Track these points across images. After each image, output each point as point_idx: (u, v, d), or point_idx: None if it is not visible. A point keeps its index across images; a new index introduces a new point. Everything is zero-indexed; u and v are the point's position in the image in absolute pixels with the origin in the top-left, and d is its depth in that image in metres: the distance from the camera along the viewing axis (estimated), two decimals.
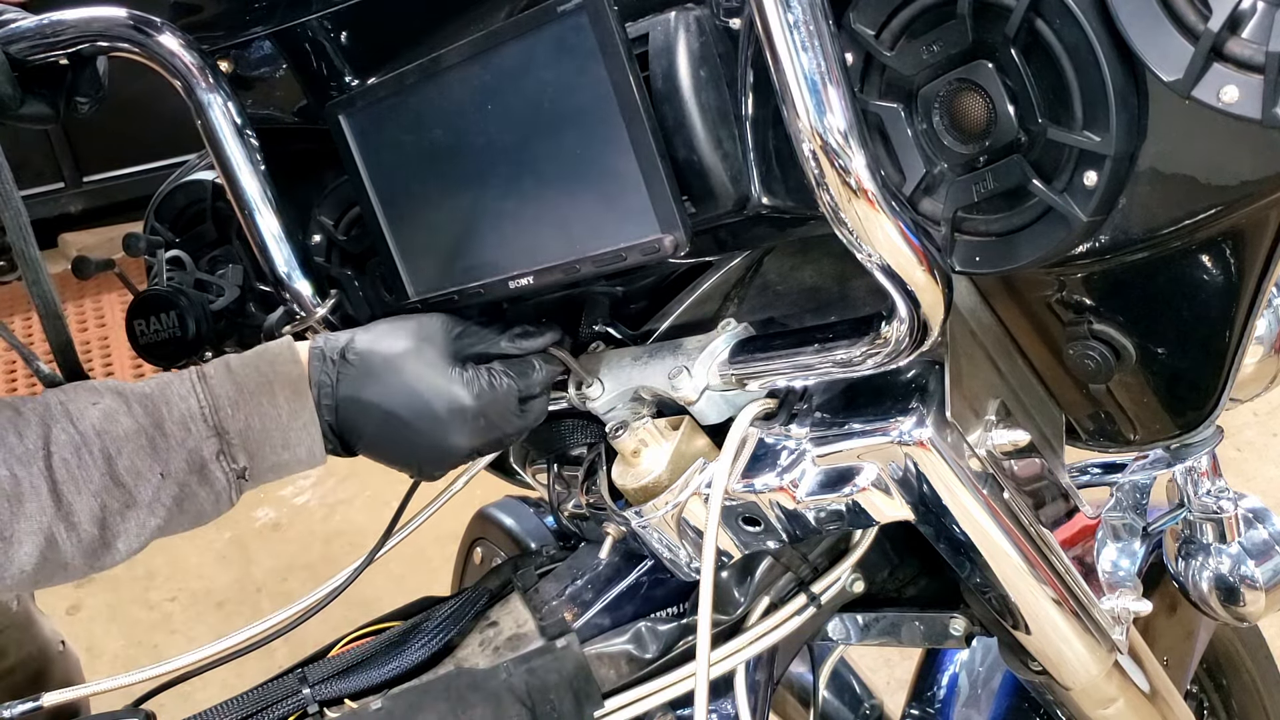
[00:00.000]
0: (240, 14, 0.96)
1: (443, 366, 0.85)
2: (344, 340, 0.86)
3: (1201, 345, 0.77)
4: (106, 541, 0.78)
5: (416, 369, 0.84)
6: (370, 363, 0.84)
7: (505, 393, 0.85)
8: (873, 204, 0.64)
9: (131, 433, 0.78)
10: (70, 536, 0.76)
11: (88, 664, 1.60)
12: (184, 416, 0.80)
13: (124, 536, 0.78)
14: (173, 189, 1.10)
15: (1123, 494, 0.96)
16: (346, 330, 0.88)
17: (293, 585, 2.83)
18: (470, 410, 0.84)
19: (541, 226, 0.82)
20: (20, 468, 0.74)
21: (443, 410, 0.84)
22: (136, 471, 0.78)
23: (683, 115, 0.75)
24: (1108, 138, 0.63)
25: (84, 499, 0.76)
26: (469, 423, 0.84)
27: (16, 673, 1.37)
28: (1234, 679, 1.41)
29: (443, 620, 0.94)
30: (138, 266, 1.11)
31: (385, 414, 0.84)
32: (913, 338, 0.70)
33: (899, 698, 1.26)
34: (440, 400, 0.84)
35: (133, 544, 0.79)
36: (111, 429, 0.78)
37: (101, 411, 0.78)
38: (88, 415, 0.78)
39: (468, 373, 0.85)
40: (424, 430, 0.84)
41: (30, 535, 0.74)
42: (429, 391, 0.84)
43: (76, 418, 0.77)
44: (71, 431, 0.77)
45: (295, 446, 0.83)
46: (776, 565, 0.97)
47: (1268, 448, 2.72)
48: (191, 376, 0.83)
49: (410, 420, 0.84)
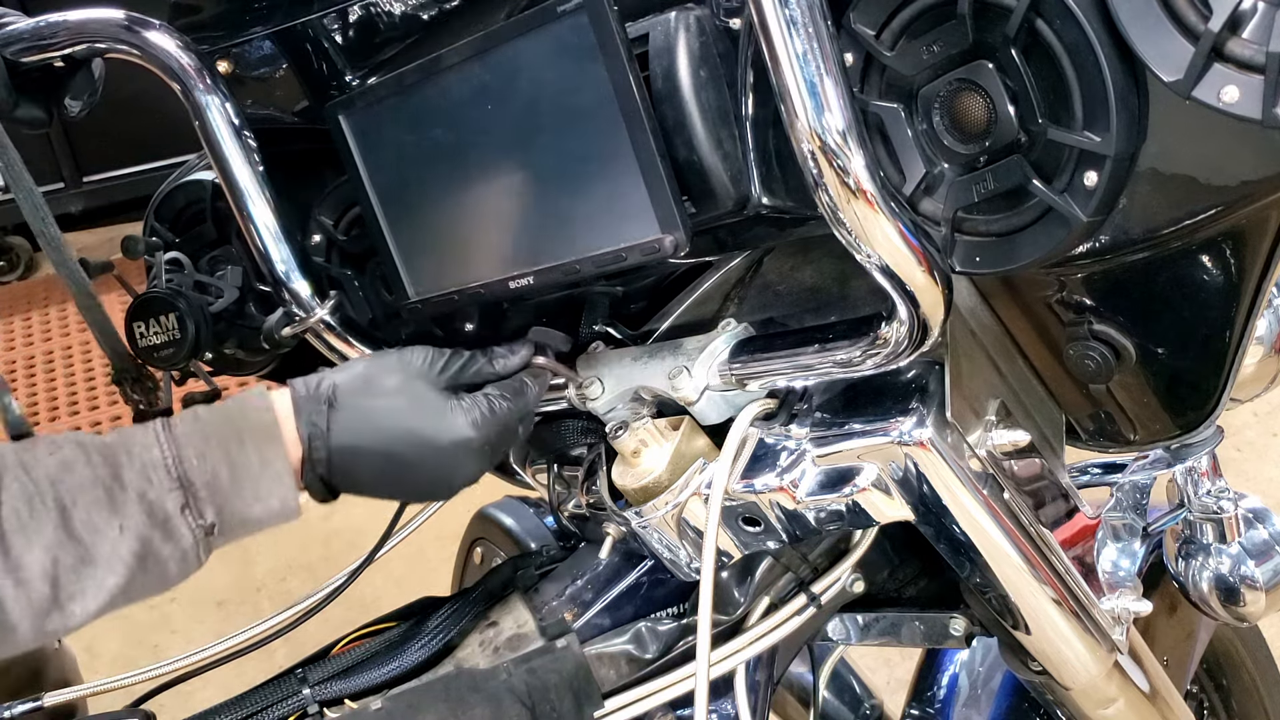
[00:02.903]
0: (239, 14, 0.95)
1: (438, 401, 0.82)
2: (326, 384, 0.82)
3: (1201, 345, 0.77)
4: (59, 601, 0.71)
5: (412, 408, 0.82)
6: (363, 408, 0.81)
7: (506, 415, 0.84)
8: (872, 204, 0.64)
9: (88, 483, 0.72)
10: (18, 594, 0.69)
11: (88, 664, 1.60)
12: (144, 466, 0.74)
13: (79, 598, 0.71)
14: (172, 189, 1.10)
15: (1123, 494, 0.96)
16: (322, 373, 0.84)
17: (293, 585, 2.83)
18: (475, 440, 0.82)
19: (541, 226, 0.82)
20: None
21: (447, 445, 0.81)
22: (93, 526, 0.72)
23: (683, 115, 0.75)
24: (1108, 138, 0.62)
25: (35, 553, 0.69)
26: (475, 452, 0.82)
27: (13, 671, 1.37)
28: (1234, 679, 1.40)
29: (443, 620, 0.94)
30: (137, 268, 1.11)
31: (386, 457, 0.81)
32: (912, 338, 0.70)
33: (899, 698, 1.26)
34: (444, 436, 0.81)
35: (89, 606, 0.72)
36: (67, 479, 0.72)
37: (58, 461, 0.73)
38: (43, 464, 0.72)
39: (464, 403, 0.83)
40: (430, 467, 0.82)
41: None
42: (430, 429, 0.81)
43: (30, 466, 0.72)
44: (24, 480, 0.71)
45: (267, 498, 0.78)
46: (776, 565, 0.97)
47: (1268, 448, 2.72)
48: (156, 426, 0.77)
49: (414, 460, 0.82)
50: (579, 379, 0.90)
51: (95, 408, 3.58)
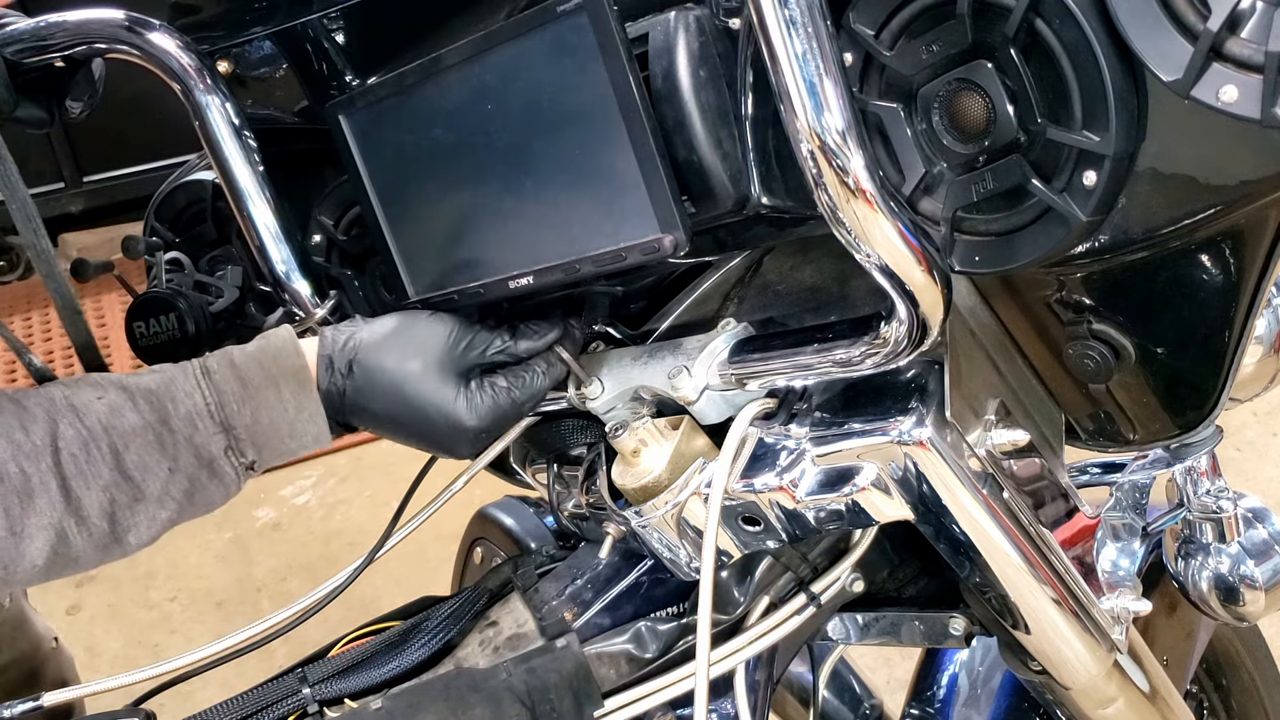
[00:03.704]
0: (240, 14, 0.96)
1: (447, 388, 0.86)
2: (352, 344, 0.87)
3: (1201, 345, 0.77)
4: (117, 535, 0.78)
5: (423, 385, 0.86)
6: (376, 380, 0.86)
7: (507, 405, 0.88)
8: (871, 204, 0.64)
9: (138, 428, 0.79)
10: (81, 531, 0.76)
11: (88, 664, 1.60)
12: (190, 413, 0.81)
13: (134, 530, 0.79)
14: (173, 189, 1.10)
15: (1122, 494, 0.96)
16: (352, 326, 0.89)
17: (293, 585, 2.83)
18: (469, 431, 0.87)
19: (541, 226, 0.82)
20: (29, 463, 0.75)
21: (442, 427, 0.86)
22: (144, 466, 0.79)
23: (683, 115, 0.75)
24: (1107, 138, 0.63)
25: (93, 494, 0.77)
26: (470, 439, 0.88)
27: (10, 671, 1.37)
28: (1234, 679, 1.40)
29: (443, 620, 0.94)
30: (137, 268, 1.11)
31: (392, 423, 0.87)
32: (912, 338, 0.70)
33: (899, 698, 1.26)
34: (440, 418, 0.86)
35: (143, 536, 0.80)
36: (118, 424, 0.78)
37: (107, 406, 0.79)
38: (94, 410, 0.78)
39: (470, 390, 0.87)
40: (427, 440, 0.88)
41: (41, 530, 0.75)
42: (428, 409, 0.86)
43: (83, 412, 0.78)
44: (79, 426, 0.77)
45: (302, 435, 0.85)
46: (776, 565, 0.97)
47: (1268, 448, 2.72)
48: (195, 372, 0.83)
49: (415, 433, 0.88)
50: (587, 378, 0.90)
51: None
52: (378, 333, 0.88)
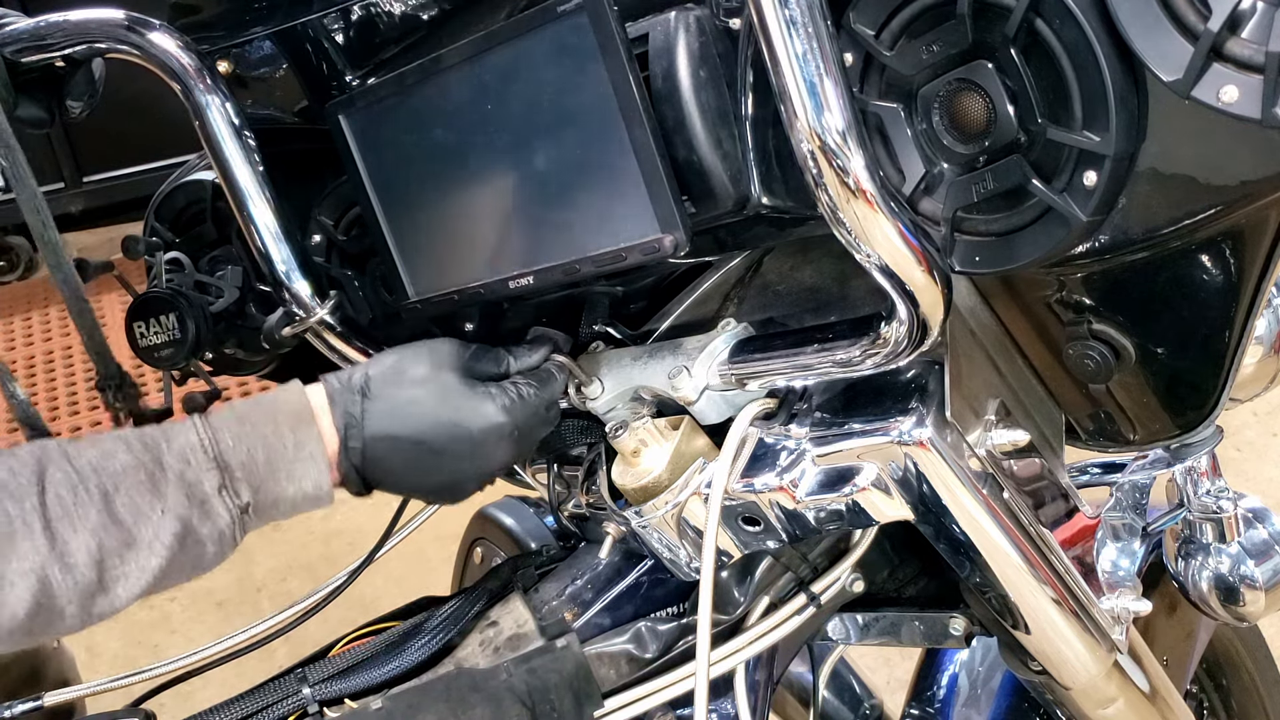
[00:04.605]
0: (240, 14, 0.96)
1: (467, 389, 0.84)
2: (359, 377, 0.84)
3: (1201, 345, 0.77)
4: (105, 585, 0.73)
5: (444, 396, 0.83)
6: (396, 397, 0.83)
7: (535, 402, 0.86)
8: (871, 204, 0.64)
9: (130, 467, 0.75)
10: (65, 579, 0.71)
11: (88, 664, 1.60)
12: (183, 449, 0.77)
13: (124, 580, 0.74)
14: (173, 189, 1.10)
15: (1122, 494, 0.96)
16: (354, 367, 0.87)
17: (293, 585, 2.83)
18: (506, 426, 0.83)
19: (541, 226, 0.82)
20: (12, 504, 0.70)
21: (477, 431, 0.83)
22: (135, 508, 0.74)
23: (683, 115, 0.75)
24: (1107, 138, 0.63)
25: (80, 538, 0.72)
26: (505, 438, 0.84)
27: (11, 670, 1.37)
28: (1234, 679, 1.40)
29: (443, 620, 0.94)
30: (137, 268, 1.11)
31: (419, 445, 0.83)
32: (912, 338, 0.70)
33: (899, 698, 1.26)
34: (475, 422, 0.83)
35: (132, 588, 0.75)
36: (109, 465, 0.75)
37: (100, 451, 0.75)
38: (85, 454, 0.75)
39: (493, 390, 0.85)
40: (460, 454, 0.84)
41: (22, 577, 0.70)
42: (460, 415, 0.83)
43: (73, 456, 0.74)
44: (67, 469, 0.73)
45: (301, 479, 0.81)
46: (776, 565, 0.97)
47: (1268, 448, 2.72)
48: (193, 416, 0.80)
49: (447, 448, 0.83)
50: (587, 379, 0.90)
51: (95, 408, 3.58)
52: (381, 362, 0.86)
